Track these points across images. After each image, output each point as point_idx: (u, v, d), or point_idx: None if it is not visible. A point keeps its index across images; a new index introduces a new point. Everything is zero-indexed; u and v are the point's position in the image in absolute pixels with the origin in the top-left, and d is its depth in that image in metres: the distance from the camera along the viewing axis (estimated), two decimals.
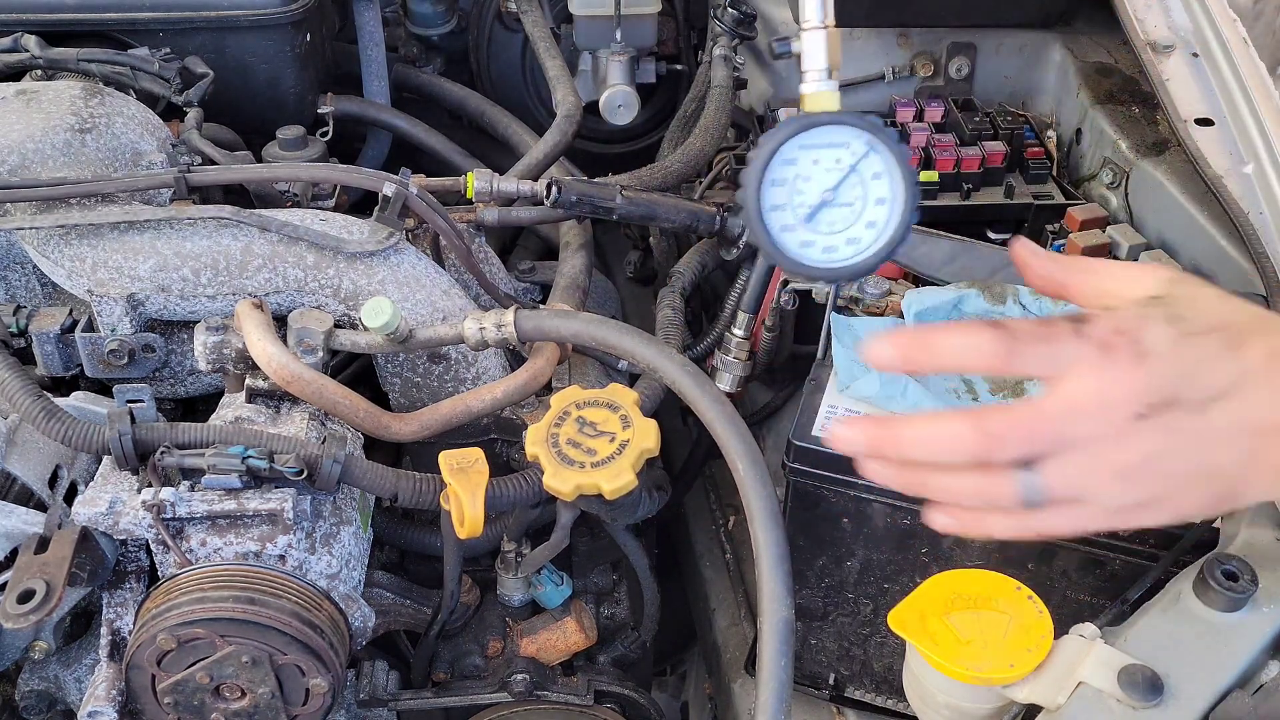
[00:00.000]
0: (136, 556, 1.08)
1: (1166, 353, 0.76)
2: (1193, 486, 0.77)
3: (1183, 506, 0.78)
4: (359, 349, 1.14)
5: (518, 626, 1.26)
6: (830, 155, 0.87)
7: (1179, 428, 0.76)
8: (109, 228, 1.15)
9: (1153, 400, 0.75)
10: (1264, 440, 0.76)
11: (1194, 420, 0.75)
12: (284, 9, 1.40)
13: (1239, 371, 0.76)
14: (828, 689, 1.17)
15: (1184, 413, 0.75)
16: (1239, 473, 0.77)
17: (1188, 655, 0.83)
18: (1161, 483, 0.77)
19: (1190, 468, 0.77)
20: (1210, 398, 0.75)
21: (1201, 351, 0.76)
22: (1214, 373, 0.76)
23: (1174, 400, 0.75)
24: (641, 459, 1.03)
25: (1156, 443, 0.76)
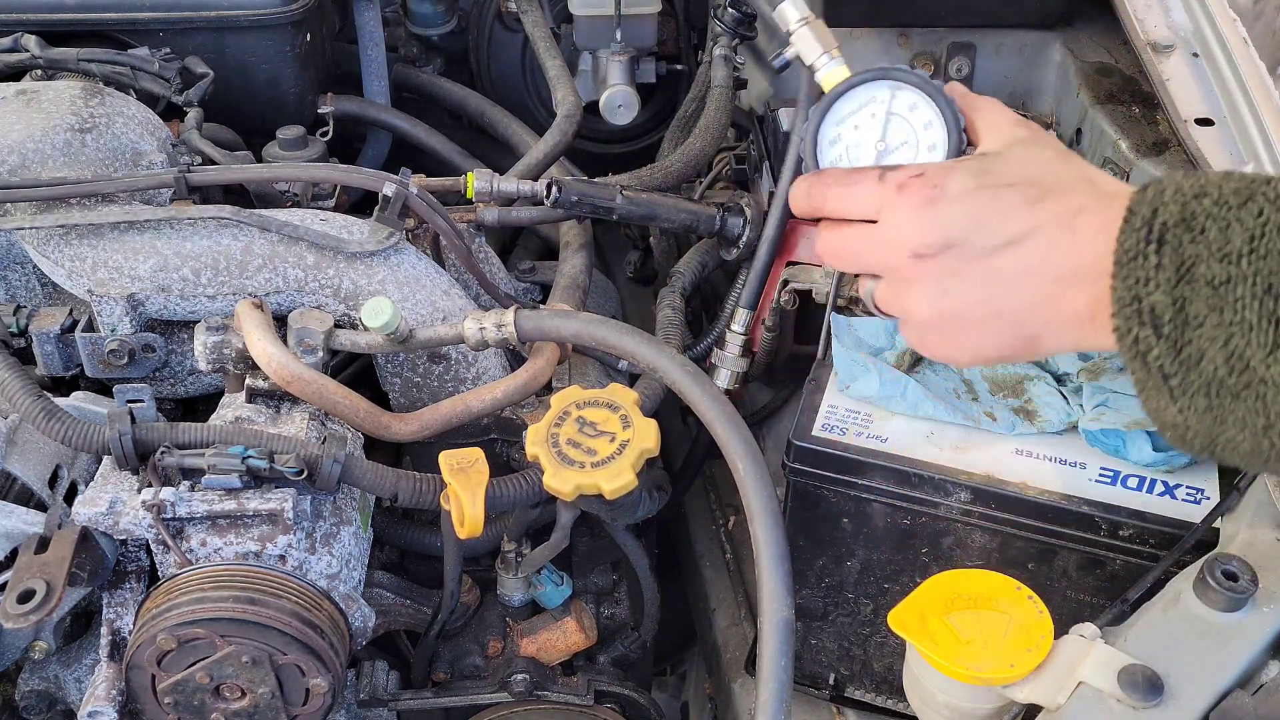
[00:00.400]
0: (136, 556, 1.08)
1: (958, 199, 0.82)
2: (984, 327, 0.83)
3: (982, 346, 0.84)
4: (359, 349, 1.14)
5: (518, 626, 1.26)
6: (864, 113, 0.93)
7: (957, 269, 0.82)
8: (109, 228, 1.15)
9: (931, 241, 0.82)
10: (1059, 288, 0.79)
11: (976, 264, 0.81)
12: (284, 9, 1.40)
13: (1031, 224, 0.80)
14: (828, 689, 1.17)
15: (968, 256, 0.82)
16: (1032, 317, 0.81)
17: (1188, 655, 0.83)
18: (949, 320, 0.84)
19: (975, 308, 0.82)
20: (998, 244, 0.81)
21: (996, 202, 0.82)
22: (1005, 221, 0.81)
23: (958, 243, 0.82)
24: (641, 459, 1.03)
25: (932, 281, 0.83)
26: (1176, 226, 0.72)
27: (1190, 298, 0.71)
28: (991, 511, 1.01)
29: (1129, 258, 0.74)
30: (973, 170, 0.84)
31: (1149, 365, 0.74)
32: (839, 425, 1.07)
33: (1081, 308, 0.78)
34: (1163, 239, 0.72)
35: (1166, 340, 0.72)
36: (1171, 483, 1.01)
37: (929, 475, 1.02)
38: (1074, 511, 0.99)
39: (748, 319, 1.30)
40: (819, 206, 0.90)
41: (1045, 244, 0.80)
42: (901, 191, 0.84)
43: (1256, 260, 0.69)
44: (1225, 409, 0.71)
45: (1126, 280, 0.74)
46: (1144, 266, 0.73)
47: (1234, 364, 0.70)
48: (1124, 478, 1.01)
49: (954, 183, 0.83)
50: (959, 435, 1.05)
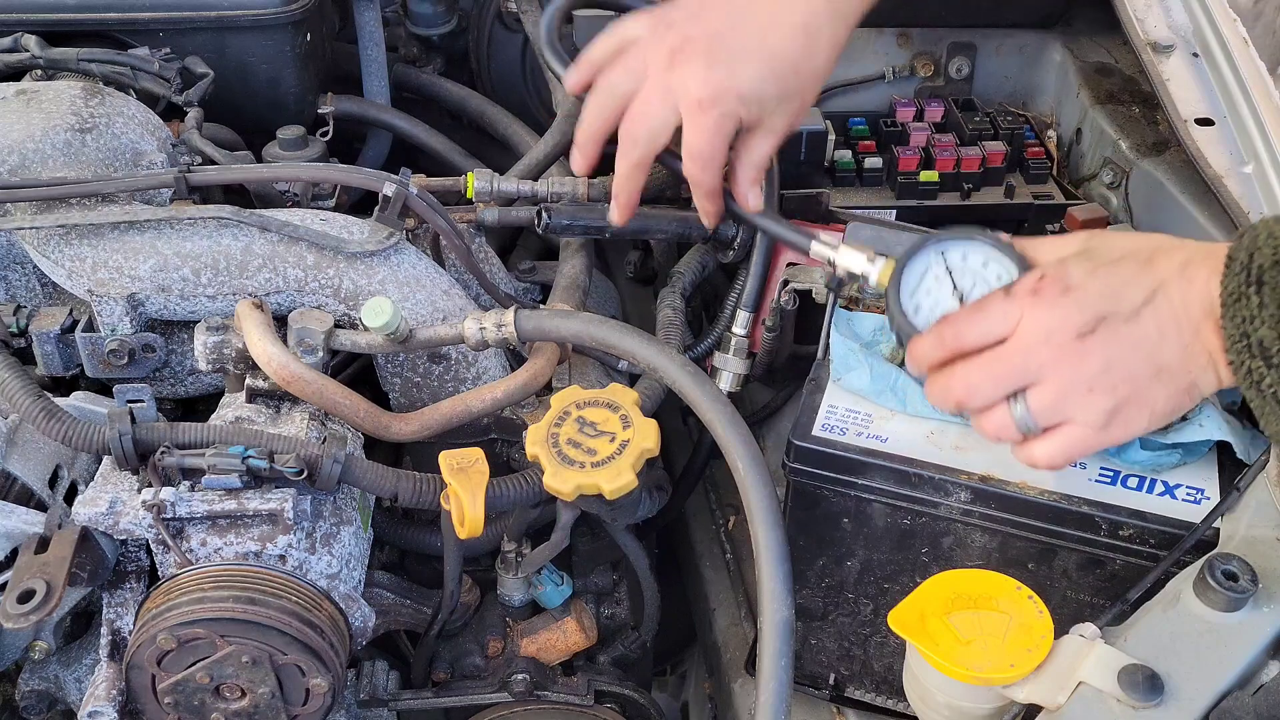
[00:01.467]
0: (137, 556, 1.08)
1: (1087, 281, 0.90)
2: (1153, 385, 0.89)
3: (1155, 405, 0.90)
4: (359, 349, 1.14)
5: (518, 626, 1.26)
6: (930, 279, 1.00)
7: (1118, 336, 0.88)
8: (109, 228, 1.15)
9: (1087, 319, 0.88)
10: (1195, 333, 0.88)
11: (1129, 327, 0.88)
12: (284, 9, 1.40)
13: (1155, 281, 0.89)
14: (828, 689, 1.17)
15: (1119, 323, 0.88)
16: (1185, 364, 0.89)
17: (1188, 655, 0.83)
18: (1125, 387, 0.89)
19: (1142, 369, 0.89)
20: (1136, 307, 0.88)
21: (1120, 271, 0.90)
22: (1134, 286, 0.89)
23: (1109, 314, 0.88)
24: (641, 459, 1.03)
25: (1104, 352, 0.88)
26: (1272, 268, 0.81)
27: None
28: (991, 511, 1.01)
29: (1233, 299, 0.83)
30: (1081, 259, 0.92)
31: (1264, 393, 0.83)
32: (839, 425, 1.07)
33: (1217, 345, 0.87)
34: (1261, 280, 0.82)
35: (1277, 369, 0.82)
36: (1171, 483, 1.00)
37: (929, 475, 1.02)
38: (1074, 511, 0.99)
39: (749, 320, 1.30)
40: (959, 346, 0.93)
41: (1172, 296, 0.88)
42: (1036, 295, 0.90)
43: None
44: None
45: (1234, 319, 0.83)
46: (1248, 306, 0.82)
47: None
48: (1124, 478, 1.01)
49: (1075, 271, 0.90)
50: (959, 435, 1.05)
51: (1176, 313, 0.88)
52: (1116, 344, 0.88)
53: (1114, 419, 0.90)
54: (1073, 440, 0.92)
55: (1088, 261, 0.91)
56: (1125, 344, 0.88)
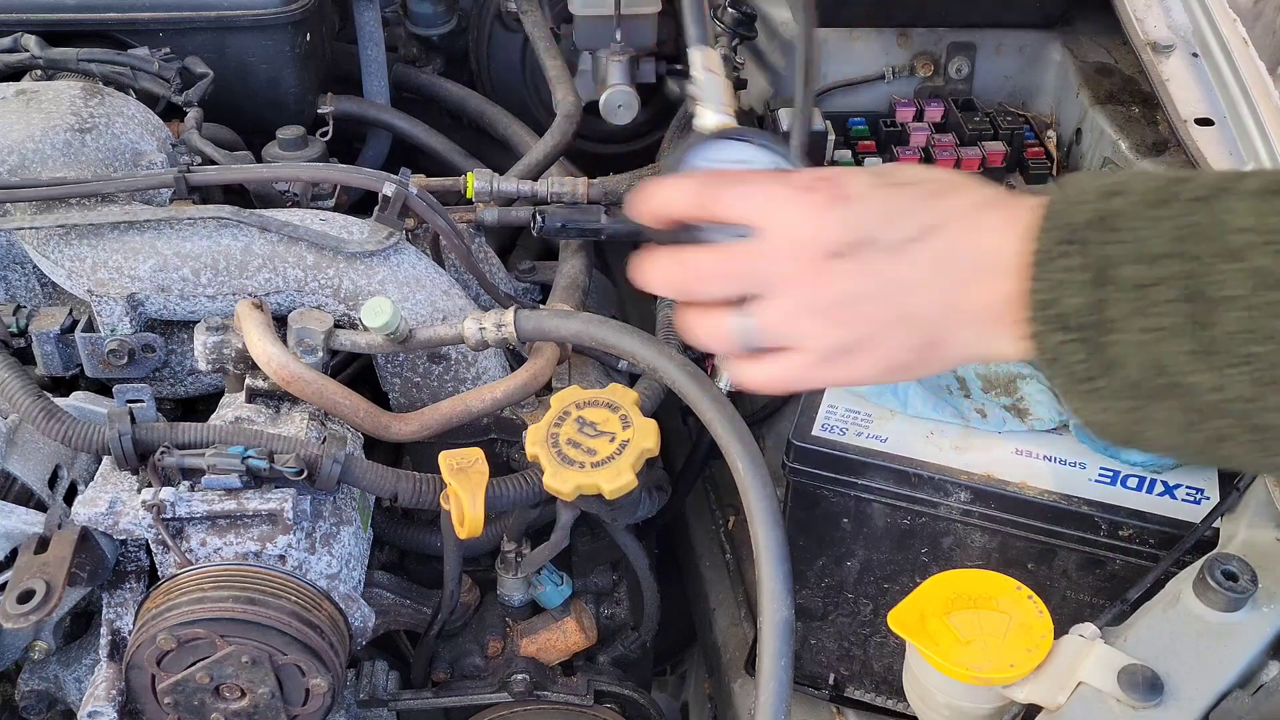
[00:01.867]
0: (136, 556, 1.08)
1: (865, 195, 0.78)
2: (894, 331, 0.78)
3: (890, 353, 0.79)
4: (359, 349, 1.14)
5: (518, 626, 1.26)
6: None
7: (873, 268, 0.77)
8: (109, 228, 1.15)
9: (847, 239, 0.77)
10: (962, 287, 0.75)
11: (889, 261, 0.76)
12: (284, 9, 1.40)
13: (938, 216, 0.76)
14: (828, 689, 1.17)
15: (879, 253, 0.77)
16: (939, 319, 0.77)
17: (1187, 655, 0.83)
18: (862, 325, 0.78)
19: (888, 310, 0.78)
20: (907, 239, 0.76)
21: (902, 196, 0.78)
22: (913, 216, 0.77)
23: (869, 241, 0.77)
24: (641, 459, 1.03)
25: (851, 282, 0.77)
26: (1091, 228, 0.69)
27: (1110, 302, 0.68)
28: (991, 511, 1.01)
29: (1046, 259, 0.70)
30: (870, 173, 0.81)
31: (1070, 369, 0.70)
32: (839, 425, 1.07)
33: (987, 305, 0.74)
34: (1075, 240, 0.69)
35: (1084, 345, 0.69)
36: (1171, 483, 1.00)
37: (929, 475, 1.02)
38: (1074, 511, 0.99)
39: None
40: (705, 204, 0.82)
41: (949, 239, 0.76)
42: (810, 191, 0.79)
43: (1177, 263, 0.65)
44: (1146, 410, 0.69)
45: (1044, 282, 0.70)
46: (1061, 268, 0.69)
47: (1155, 368, 0.67)
48: (1123, 478, 1.01)
49: (855, 183, 0.79)
50: (958, 435, 1.05)
51: (946, 258, 0.76)
52: (865, 275, 0.77)
53: (840, 356, 0.80)
54: (791, 368, 0.81)
55: (875, 178, 0.79)
56: (875, 278, 0.77)
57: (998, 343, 0.75)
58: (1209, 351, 0.64)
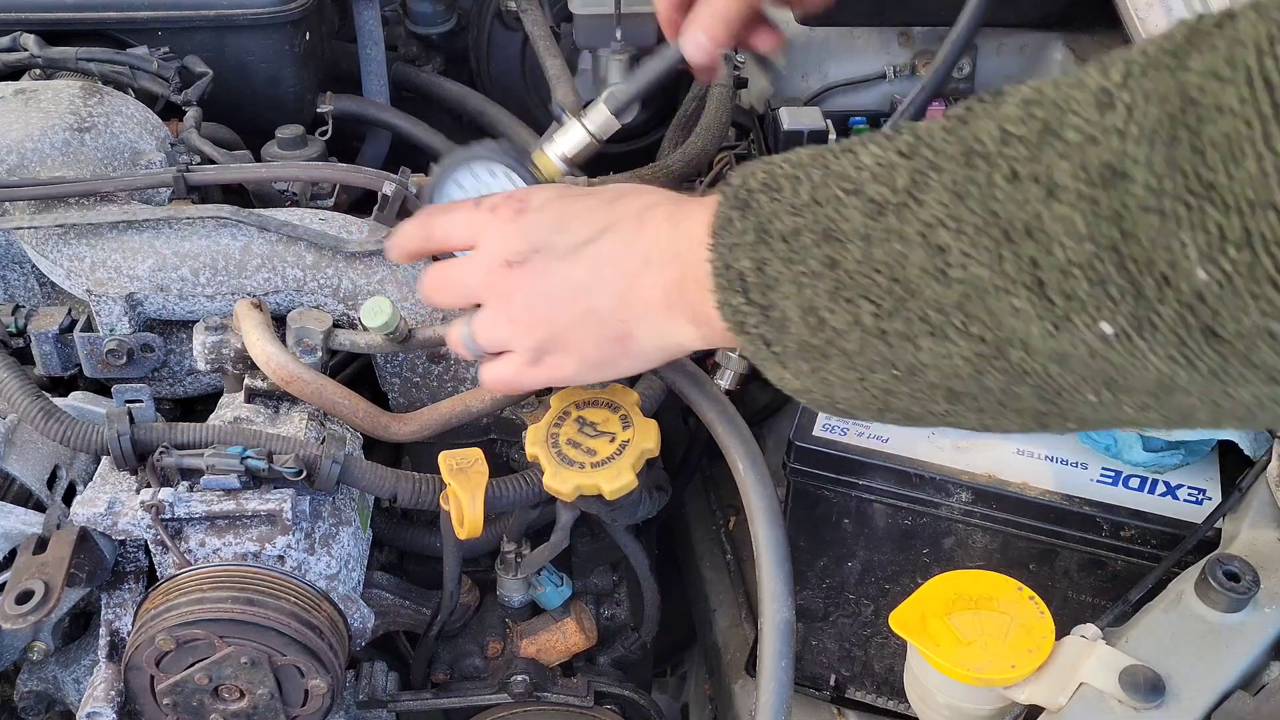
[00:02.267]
0: (135, 557, 1.08)
1: (543, 207, 0.86)
2: (581, 329, 0.84)
3: (585, 350, 0.86)
4: (358, 349, 1.14)
5: (517, 627, 1.26)
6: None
7: (546, 271, 0.84)
8: (108, 227, 1.15)
9: (523, 248, 0.85)
10: (633, 279, 0.81)
11: (562, 264, 0.84)
12: (283, 8, 1.40)
13: (607, 220, 0.83)
14: (828, 690, 1.17)
15: (552, 258, 0.84)
16: (618, 313, 0.83)
17: (1189, 656, 0.83)
18: (549, 326, 0.85)
19: (570, 310, 0.84)
20: (579, 243, 0.83)
21: (576, 206, 0.85)
22: (585, 222, 0.84)
23: (544, 247, 0.84)
24: (642, 459, 1.03)
25: (527, 286, 0.85)
26: (759, 191, 0.71)
27: (769, 258, 0.69)
28: (992, 512, 1.01)
29: (720, 226, 0.72)
30: (556, 187, 0.91)
31: (750, 335, 0.72)
32: (839, 425, 1.07)
33: (656, 294, 0.80)
34: (747, 204, 0.71)
35: (756, 306, 0.71)
36: (1173, 483, 1.00)
37: (930, 475, 1.02)
38: (1075, 512, 0.99)
39: None
40: (427, 237, 0.93)
41: (618, 238, 0.82)
42: (494, 211, 0.88)
43: (816, 208, 0.67)
44: (825, 370, 0.70)
45: (718, 249, 0.72)
46: (731, 231, 0.72)
47: (810, 320, 0.68)
48: (1125, 478, 1.01)
49: (538, 197, 0.87)
50: (959, 435, 1.05)
51: (616, 255, 0.82)
52: (541, 279, 0.84)
53: (543, 356, 0.87)
54: (508, 370, 0.89)
55: (557, 192, 0.88)
56: (551, 280, 0.84)
57: (677, 328, 0.81)
58: (841, 287, 0.66)
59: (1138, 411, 0.62)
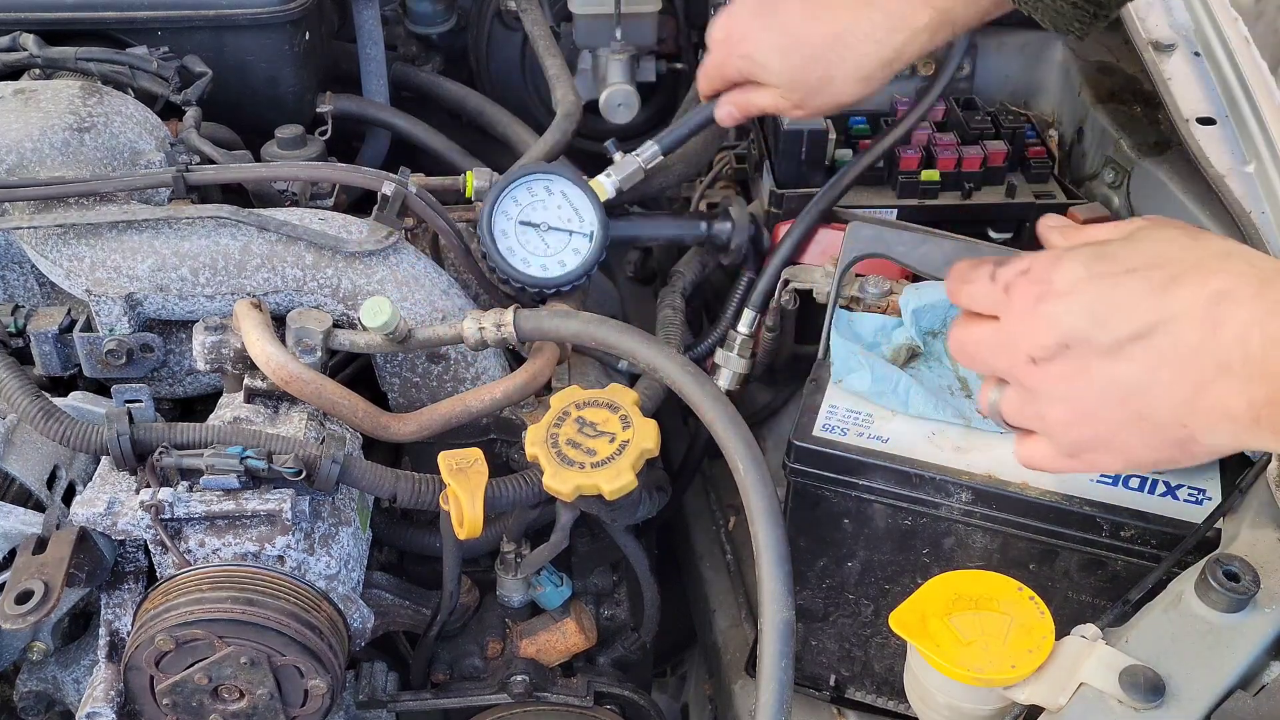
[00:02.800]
0: (135, 557, 1.08)
1: (1069, 292, 0.76)
2: (1133, 431, 0.76)
3: (1135, 451, 0.78)
4: (358, 349, 1.14)
5: (517, 627, 1.26)
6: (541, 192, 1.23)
7: (1082, 370, 0.75)
8: (107, 227, 1.15)
9: (1048, 344, 0.76)
10: (1203, 387, 0.72)
11: (1102, 363, 0.75)
12: (283, 8, 1.40)
13: (1163, 313, 0.73)
14: (828, 690, 1.17)
15: (1090, 355, 0.75)
16: (1183, 418, 0.74)
17: (1189, 656, 0.83)
18: (1086, 425, 0.78)
19: (1113, 412, 0.76)
20: (1123, 339, 0.74)
21: (1116, 292, 0.74)
22: (1130, 313, 0.74)
23: (1077, 342, 0.75)
24: (641, 459, 1.03)
25: (1061, 385, 0.77)
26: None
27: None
28: (992, 512, 1.01)
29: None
30: (1084, 259, 0.77)
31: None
32: (839, 425, 1.07)
33: (1238, 409, 0.71)
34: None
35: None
36: (1173, 483, 1.00)
37: (930, 476, 1.02)
38: (1075, 512, 0.98)
39: (754, 320, 1.30)
40: (957, 298, 0.86)
41: (1181, 336, 0.72)
42: (1010, 292, 0.79)
43: None
44: None
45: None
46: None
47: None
48: (1125, 478, 1.01)
49: (1062, 275, 0.76)
50: (960, 435, 1.05)
51: (1181, 357, 0.72)
52: (1079, 378, 0.76)
53: (1082, 451, 0.81)
54: (1044, 457, 0.84)
55: (1086, 267, 0.76)
56: (1091, 381, 0.76)
57: (1260, 439, 0.73)
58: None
59: None
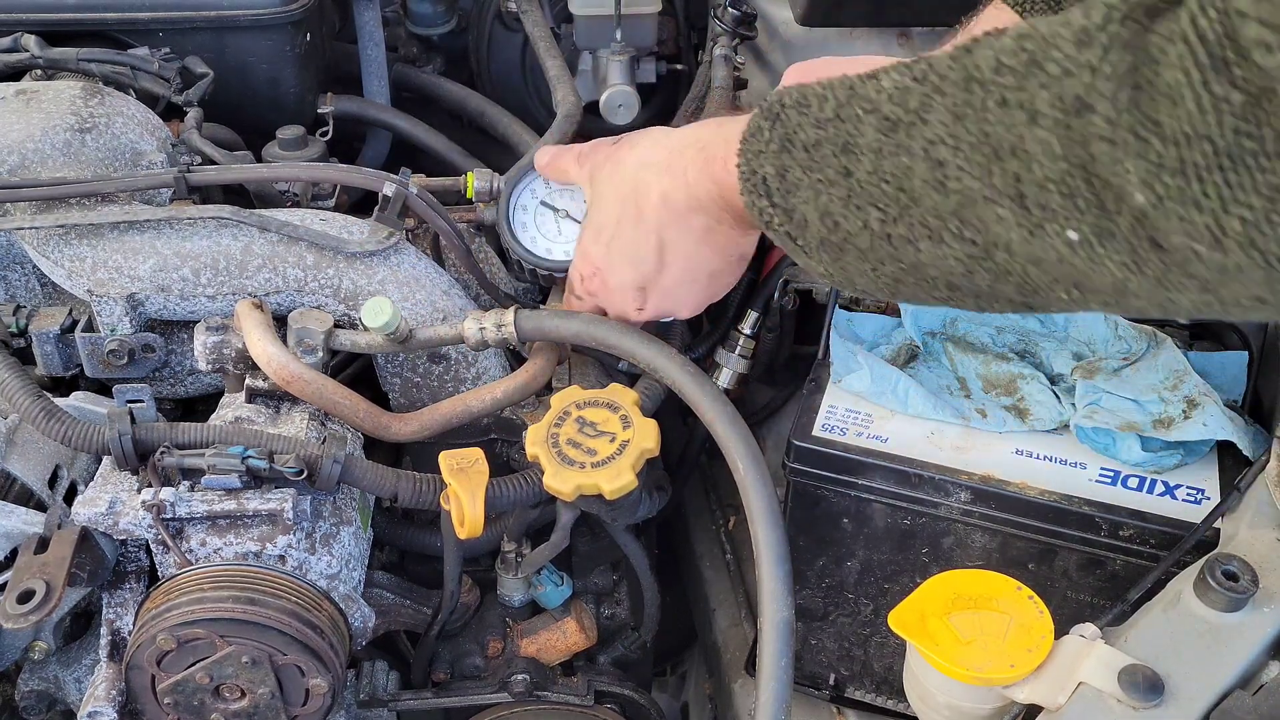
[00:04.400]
0: (136, 556, 1.08)
1: (611, 265, 1.06)
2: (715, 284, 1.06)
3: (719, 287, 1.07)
4: (359, 349, 1.14)
5: (518, 627, 1.26)
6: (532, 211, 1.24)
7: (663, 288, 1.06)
8: (109, 228, 1.15)
9: (632, 297, 1.07)
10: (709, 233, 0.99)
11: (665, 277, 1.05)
12: (284, 9, 1.40)
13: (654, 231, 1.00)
14: (828, 689, 1.17)
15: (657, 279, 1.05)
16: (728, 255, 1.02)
17: (1188, 656, 0.83)
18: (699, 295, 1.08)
19: (700, 287, 1.06)
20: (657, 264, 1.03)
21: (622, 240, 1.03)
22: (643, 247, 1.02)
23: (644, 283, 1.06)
24: (642, 459, 1.03)
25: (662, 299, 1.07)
26: (790, 107, 0.80)
27: (789, 165, 0.79)
28: (992, 512, 1.01)
29: (750, 134, 0.83)
30: (594, 234, 1.06)
31: (775, 231, 0.83)
32: (839, 425, 1.07)
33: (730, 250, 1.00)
34: (778, 116, 0.81)
35: (779, 208, 0.81)
36: (1172, 483, 1.00)
37: (929, 475, 1.02)
38: (1074, 512, 0.99)
39: (757, 320, 1.30)
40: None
41: (678, 233, 0.98)
42: (592, 296, 1.11)
43: (839, 124, 0.75)
44: (843, 261, 0.79)
45: (746, 155, 0.83)
46: (759, 140, 0.82)
47: (826, 222, 0.78)
48: (1124, 478, 1.01)
49: (597, 256, 1.05)
50: (959, 435, 1.05)
51: (685, 245, 0.98)
52: (669, 292, 1.04)
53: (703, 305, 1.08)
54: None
55: (601, 238, 1.04)
56: (675, 286, 1.03)
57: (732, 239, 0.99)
58: (853, 194, 0.75)
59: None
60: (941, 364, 1.12)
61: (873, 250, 0.76)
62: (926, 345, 1.13)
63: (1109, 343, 1.11)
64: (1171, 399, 1.04)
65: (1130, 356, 1.09)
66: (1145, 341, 1.09)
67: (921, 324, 1.13)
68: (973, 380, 1.10)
